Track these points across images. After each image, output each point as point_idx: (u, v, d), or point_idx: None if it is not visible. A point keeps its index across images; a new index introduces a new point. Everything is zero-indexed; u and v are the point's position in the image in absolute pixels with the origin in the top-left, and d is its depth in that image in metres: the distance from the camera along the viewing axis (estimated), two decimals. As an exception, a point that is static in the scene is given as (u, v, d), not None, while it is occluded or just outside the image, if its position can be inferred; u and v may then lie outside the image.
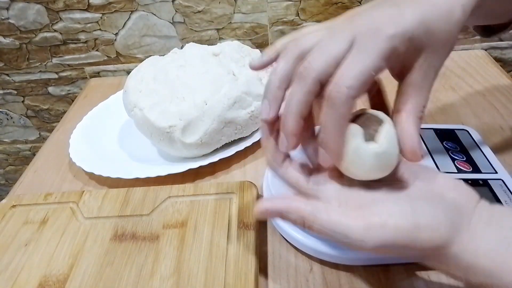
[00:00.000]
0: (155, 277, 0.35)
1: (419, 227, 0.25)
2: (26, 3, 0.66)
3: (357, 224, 0.25)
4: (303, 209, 0.27)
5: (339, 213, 0.26)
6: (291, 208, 0.27)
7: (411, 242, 0.25)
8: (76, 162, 0.50)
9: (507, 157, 0.45)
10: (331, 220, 0.26)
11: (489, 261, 0.24)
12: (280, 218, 0.28)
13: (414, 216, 0.25)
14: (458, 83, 0.59)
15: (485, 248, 0.25)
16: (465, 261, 0.25)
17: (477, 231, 0.25)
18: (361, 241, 0.25)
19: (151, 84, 0.49)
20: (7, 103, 0.80)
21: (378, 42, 0.25)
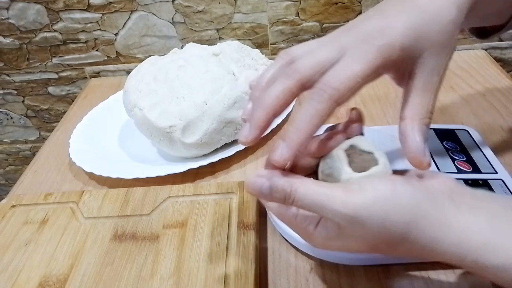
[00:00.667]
0: (155, 277, 0.35)
1: (397, 194, 0.24)
2: (26, 3, 0.66)
3: (337, 192, 0.24)
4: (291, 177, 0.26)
5: (322, 184, 0.26)
6: (278, 174, 0.26)
7: (390, 209, 0.24)
8: (76, 162, 0.50)
9: (507, 157, 0.45)
10: (317, 186, 0.25)
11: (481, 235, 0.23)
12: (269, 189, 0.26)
13: (393, 185, 0.24)
14: (458, 83, 0.59)
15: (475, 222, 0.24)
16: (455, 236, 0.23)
17: (463, 209, 0.24)
18: (341, 205, 0.24)
19: (151, 84, 0.49)
20: (7, 103, 0.80)
21: (367, 52, 0.26)
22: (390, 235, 0.24)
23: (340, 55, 0.26)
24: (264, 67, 0.53)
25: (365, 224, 0.24)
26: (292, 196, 0.25)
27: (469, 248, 0.23)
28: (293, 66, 0.27)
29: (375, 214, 0.24)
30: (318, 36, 0.71)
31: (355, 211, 0.24)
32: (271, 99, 0.26)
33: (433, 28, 0.26)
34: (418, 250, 0.25)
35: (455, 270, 0.34)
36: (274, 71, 0.28)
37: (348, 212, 0.24)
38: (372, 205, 0.24)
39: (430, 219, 0.24)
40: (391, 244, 0.25)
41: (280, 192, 0.26)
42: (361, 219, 0.24)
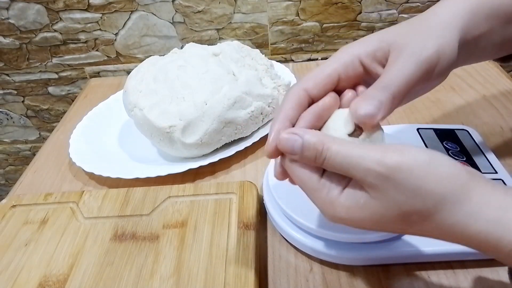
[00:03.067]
0: (155, 277, 0.35)
1: (435, 162, 0.23)
2: (26, 3, 0.66)
3: (372, 152, 0.23)
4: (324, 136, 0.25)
5: (357, 144, 0.25)
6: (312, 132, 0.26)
7: (427, 175, 0.22)
8: (76, 162, 0.50)
9: (507, 157, 0.45)
10: (349, 145, 0.24)
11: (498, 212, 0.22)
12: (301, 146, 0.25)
13: (431, 154, 0.23)
14: (458, 83, 0.59)
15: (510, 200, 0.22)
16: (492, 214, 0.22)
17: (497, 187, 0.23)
18: (377, 163, 0.23)
19: (151, 84, 0.49)
20: (7, 103, 0.80)
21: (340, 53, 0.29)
22: (424, 204, 0.23)
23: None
24: (264, 67, 0.53)
25: (400, 185, 0.23)
26: (324, 154, 0.25)
27: (508, 226, 0.22)
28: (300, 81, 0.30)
29: (412, 177, 0.22)
30: (318, 36, 0.71)
31: (391, 170, 0.23)
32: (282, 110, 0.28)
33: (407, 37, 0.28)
34: (449, 227, 0.23)
35: (455, 270, 0.34)
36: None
37: (384, 171, 0.23)
38: (410, 167, 0.23)
39: (468, 193, 0.23)
40: (422, 215, 0.23)
41: (312, 150, 0.25)
42: (397, 180, 0.23)
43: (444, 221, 0.23)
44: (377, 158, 0.23)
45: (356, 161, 0.23)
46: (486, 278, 0.34)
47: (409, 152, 0.23)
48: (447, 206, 0.23)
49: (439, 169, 0.23)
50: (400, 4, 0.67)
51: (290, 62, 0.73)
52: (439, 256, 0.34)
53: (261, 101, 0.49)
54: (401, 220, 0.24)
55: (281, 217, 0.38)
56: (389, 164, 0.23)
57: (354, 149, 0.24)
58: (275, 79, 0.53)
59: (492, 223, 0.22)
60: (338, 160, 0.24)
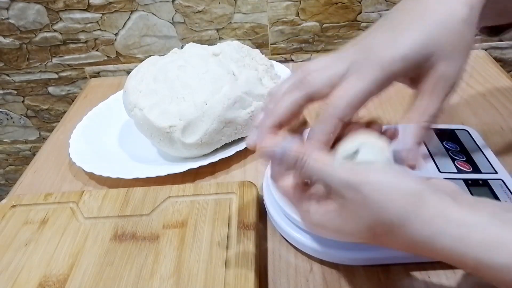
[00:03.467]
0: (155, 277, 0.35)
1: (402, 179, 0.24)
2: (26, 3, 0.66)
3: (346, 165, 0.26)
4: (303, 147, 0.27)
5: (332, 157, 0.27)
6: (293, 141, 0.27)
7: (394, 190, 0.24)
8: (76, 162, 0.50)
9: (507, 157, 0.45)
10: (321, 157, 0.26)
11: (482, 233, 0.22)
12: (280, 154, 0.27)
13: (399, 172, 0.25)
14: (458, 83, 0.59)
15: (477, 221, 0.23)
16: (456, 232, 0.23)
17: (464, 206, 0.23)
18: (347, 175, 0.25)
19: (151, 84, 0.49)
20: (7, 103, 0.80)
21: (369, 69, 0.27)
22: (390, 218, 0.24)
23: (347, 71, 0.28)
24: (264, 67, 0.53)
25: (366, 197, 0.24)
26: (303, 161, 0.26)
27: (470, 244, 0.22)
28: (305, 80, 0.29)
29: (377, 190, 0.24)
30: (318, 36, 0.71)
31: (359, 182, 0.24)
32: (279, 109, 0.29)
33: (442, 30, 0.27)
34: (417, 242, 0.24)
35: (455, 270, 0.34)
36: (288, 85, 0.30)
37: (352, 182, 0.24)
38: (376, 181, 0.24)
39: (432, 210, 0.23)
40: (388, 229, 0.24)
41: (292, 156, 0.26)
42: (363, 191, 0.24)
43: (409, 235, 0.24)
44: (349, 170, 0.25)
45: (331, 171, 0.25)
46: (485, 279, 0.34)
47: (378, 169, 0.25)
48: (412, 221, 0.23)
49: (405, 186, 0.24)
50: (400, 4, 0.67)
51: (290, 62, 0.73)
52: (439, 256, 0.34)
53: (261, 101, 0.49)
54: (368, 231, 0.25)
55: (281, 217, 0.38)
56: (358, 177, 0.24)
57: (331, 160, 0.26)
58: (275, 79, 0.53)
59: (455, 242, 0.22)
60: (316, 168, 0.26)
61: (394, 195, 0.24)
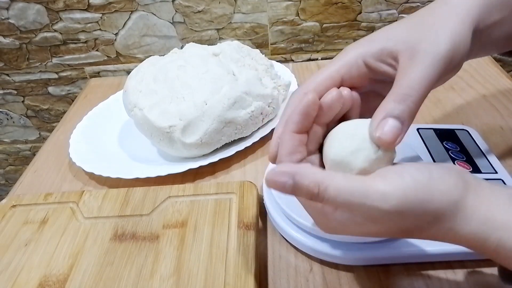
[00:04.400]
0: (155, 277, 0.35)
1: (433, 179, 0.24)
2: (26, 3, 0.66)
3: (376, 183, 0.23)
4: (319, 172, 0.24)
5: (358, 178, 0.24)
6: (306, 171, 0.24)
7: (430, 196, 0.23)
8: (76, 162, 0.50)
9: (507, 157, 0.45)
10: (350, 182, 0.23)
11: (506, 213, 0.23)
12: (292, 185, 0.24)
13: (429, 171, 0.24)
14: (458, 83, 0.59)
15: (499, 202, 0.24)
16: (482, 215, 0.23)
17: (485, 188, 0.24)
18: (382, 199, 0.23)
19: (151, 84, 0.49)
20: (7, 103, 0.80)
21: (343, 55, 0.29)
22: (427, 220, 0.24)
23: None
24: (264, 67, 0.53)
25: (406, 215, 0.23)
26: (321, 196, 0.23)
27: (494, 226, 0.23)
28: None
29: (417, 205, 0.23)
30: (318, 36, 0.71)
31: (397, 206, 0.23)
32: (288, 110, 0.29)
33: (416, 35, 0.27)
34: (445, 232, 0.24)
35: (455, 270, 0.34)
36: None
37: (390, 209, 0.23)
38: (414, 196, 0.23)
39: (464, 200, 0.24)
40: (421, 228, 0.24)
41: (305, 191, 0.24)
42: (403, 212, 0.23)
43: (441, 229, 0.24)
44: (381, 194, 0.23)
45: (360, 201, 0.23)
46: (486, 278, 0.34)
47: (409, 177, 0.23)
48: (445, 217, 0.24)
49: (439, 187, 0.24)
50: (400, 4, 0.67)
51: (290, 62, 0.73)
52: (439, 256, 0.34)
53: (261, 101, 0.49)
54: (400, 233, 0.25)
55: (281, 217, 0.38)
56: (394, 200, 0.23)
57: (354, 184, 0.23)
58: (275, 79, 0.53)
59: (481, 224, 0.23)
60: (340, 201, 0.23)
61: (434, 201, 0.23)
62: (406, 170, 0.24)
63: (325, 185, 0.23)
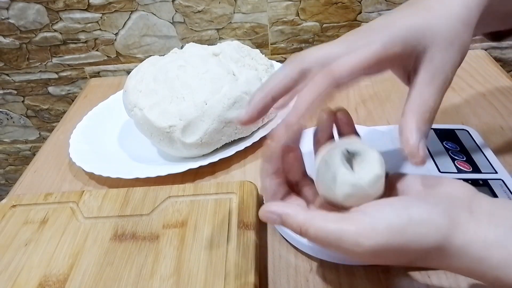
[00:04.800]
0: (155, 277, 0.35)
1: (412, 222, 0.23)
2: (26, 3, 0.66)
3: (349, 228, 0.24)
4: (299, 215, 0.26)
5: (334, 219, 0.25)
6: (288, 213, 0.26)
7: (407, 241, 0.23)
8: (76, 162, 0.50)
9: (507, 157, 0.45)
10: (326, 226, 0.24)
11: (503, 250, 0.22)
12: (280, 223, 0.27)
13: (407, 213, 0.24)
14: (458, 83, 0.59)
15: (496, 237, 0.23)
16: (475, 253, 0.23)
17: (482, 220, 0.23)
18: (355, 245, 0.23)
19: (151, 84, 0.49)
20: (7, 103, 0.80)
21: (369, 43, 0.27)
22: (410, 259, 0.24)
23: (345, 49, 0.27)
24: (264, 67, 0.53)
25: (385, 256, 0.24)
26: (303, 235, 0.26)
27: (490, 265, 0.23)
28: (300, 55, 0.28)
29: (391, 250, 0.23)
30: (318, 36, 0.71)
31: (371, 250, 0.23)
32: (270, 83, 0.29)
33: (441, 25, 0.27)
34: (437, 266, 0.25)
35: (455, 270, 0.34)
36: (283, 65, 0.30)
37: (364, 252, 0.23)
38: (387, 243, 0.23)
39: (450, 240, 0.23)
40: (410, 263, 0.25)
41: (291, 229, 0.26)
42: (380, 254, 0.24)
43: (431, 263, 0.25)
44: (355, 239, 0.23)
45: (336, 243, 0.24)
46: None
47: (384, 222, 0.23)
48: (431, 256, 0.24)
49: (418, 230, 0.23)
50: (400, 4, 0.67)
51: (290, 62, 0.73)
52: (439, 256, 0.34)
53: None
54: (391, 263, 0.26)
55: (281, 217, 0.38)
56: (367, 246, 0.23)
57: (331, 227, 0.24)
58: (275, 79, 0.53)
59: (474, 264, 0.23)
60: (319, 241, 0.25)
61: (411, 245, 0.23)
62: (383, 214, 0.24)
63: (306, 227, 0.25)
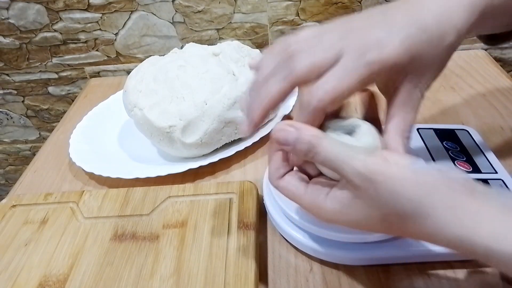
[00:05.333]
0: (155, 277, 0.35)
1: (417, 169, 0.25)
2: (26, 3, 0.66)
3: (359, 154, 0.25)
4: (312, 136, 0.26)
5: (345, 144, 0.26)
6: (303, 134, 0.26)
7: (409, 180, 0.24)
8: (76, 162, 0.50)
9: (507, 157, 0.45)
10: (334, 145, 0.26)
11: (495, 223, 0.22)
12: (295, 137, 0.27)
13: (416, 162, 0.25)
14: (458, 83, 0.59)
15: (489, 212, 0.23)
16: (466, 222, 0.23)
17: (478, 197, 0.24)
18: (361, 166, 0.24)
19: (151, 84, 0.49)
20: (7, 103, 0.80)
21: (358, 66, 0.26)
22: (403, 207, 0.24)
23: (336, 59, 0.27)
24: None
25: (380, 188, 0.24)
26: (315, 148, 0.26)
27: (481, 234, 0.23)
28: (291, 65, 0.27)
29: (391, 181, 0.24)
30: (318, 36, 0.70)
31: (373, 173, 0.24)
32: (266, 97, 0.28)
33: (431, 51, 0.27)
34: (429, 231, 0.24)
35: (455, 270, 0.34)
36: (273, 67, 0.29)
37: (366, 172, 0.24)
38: (390, 172, 0.24)
39: (446, 201, 0.23)
40: (402, 218, 0.24)
41: (305, 143, 0.26)
42: (377, 182, 0.24)
43: (424, 226, 0.24)
44: (363, 160, 0.24)
45: (344, 159, 0.25)
46: (486, 278, 0.34)
47: (393, 159, 0.25)
48: (426, 211, 0.24)
49: (420, 177, 0.24)
50: (400, 4, 0.67)
51: (290, 62, 0.73)
52: (439, 256, 0.34)
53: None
54: (382, 220, 0.25)
55: (281, 217, 0.38)
56: (372, 167, 0.24)
57: (344, 148, 0.26)
58: (275, 79, 0.53)
59: (466, 232, 0.23)
60: (328, 156, 0.26)
61: (409, 186, 0.24)
62: (394, 155, 0.25)
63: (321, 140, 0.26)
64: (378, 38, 0.27)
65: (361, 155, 0.25)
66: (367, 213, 0.25)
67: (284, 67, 0.28)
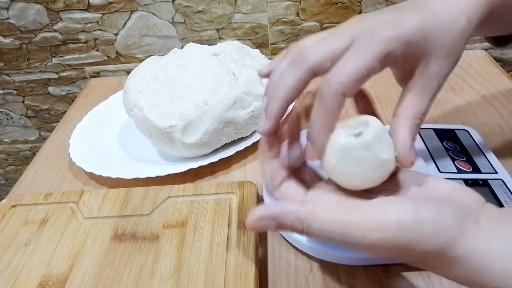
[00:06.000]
0: (155, 277, 0.35)
1: (421, 222, 0.23)
2: (26, 3, 0.66)
3: (356, 220, 0.23)
4: (300, 210, 0.25)
5: (338, 211, 0.24)
6: (287, 210, 0.25)
7: (414, 240, 0.22)
8: (76, 162, 0.50)
9: (507, 157, 0.45)
10: (330, 218, 0.24)
11: (505, 261, 0.22)
12: (276, 226, 0.25)
13: (417, 211, 0.23)
14: (458, 83, 0.59)
15: (499, 247, 0.22)
16: (476, 262, 0.23)
17: (487, 230, 0.23)
18: (361, 238, 0.23)
19: (151, 84, 0.49)
20: (7, 103, 0.80)
21: (373, 43, 0.26)
22: (411, 258, 0.24)
23: (349, 44, 0.26)
24: (264, 67, 0.53)
25: (383, 251, 0.24)
26: (305, 232, 0.25)
27: (491, 275, 0.22)
28: (304, 54, 0.27)
29: (396, 246, 0.23)
30: (318, 36, 0.71)
31: (375, 245, 0.23)
32: (283, 89, 0.28)
33: (444, 33, 0.27)
34: (436, 270, 0.25)
35: (455, 270, 0.34)
36: (285, 64, 0.28)
37: (367, 246, 0.23)
38: (394, 238, 0.23)
39: (455, 245, 0.23)
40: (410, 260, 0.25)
41: (290, 229, 0.25)
42: (382, 249, 0.23)
43: (433, 266, 0.24)
44: (362, 231, 0.23)
45: (341, 236, 0.24)
46: None
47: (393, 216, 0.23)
48: (435, 257, 0.23)
49: (426, 229, 0.23)
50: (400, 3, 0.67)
51: (290, 62, 0.73)
52: (439, 256, 0.34)
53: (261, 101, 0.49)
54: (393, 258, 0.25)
55: (281, 217, 0.38)
56: (373, 239, 0.23)
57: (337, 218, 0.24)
58: (275, 79, 0.53)
59: (475, 273, 0.23)
60: (323, 235, 0.24)
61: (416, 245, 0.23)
62: (392, 208, 0.23)
63: (309, 222, 0.24)
64: (390, 19, 0.27)
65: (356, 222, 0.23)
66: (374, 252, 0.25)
67: (298, 59, 0.27)
